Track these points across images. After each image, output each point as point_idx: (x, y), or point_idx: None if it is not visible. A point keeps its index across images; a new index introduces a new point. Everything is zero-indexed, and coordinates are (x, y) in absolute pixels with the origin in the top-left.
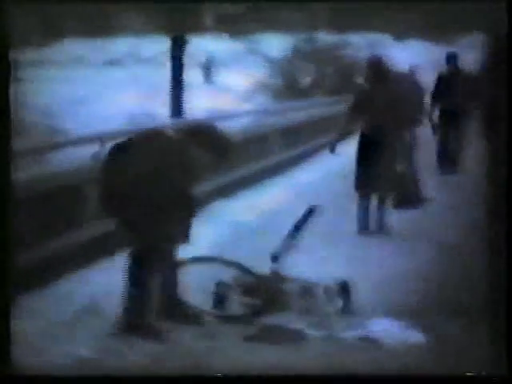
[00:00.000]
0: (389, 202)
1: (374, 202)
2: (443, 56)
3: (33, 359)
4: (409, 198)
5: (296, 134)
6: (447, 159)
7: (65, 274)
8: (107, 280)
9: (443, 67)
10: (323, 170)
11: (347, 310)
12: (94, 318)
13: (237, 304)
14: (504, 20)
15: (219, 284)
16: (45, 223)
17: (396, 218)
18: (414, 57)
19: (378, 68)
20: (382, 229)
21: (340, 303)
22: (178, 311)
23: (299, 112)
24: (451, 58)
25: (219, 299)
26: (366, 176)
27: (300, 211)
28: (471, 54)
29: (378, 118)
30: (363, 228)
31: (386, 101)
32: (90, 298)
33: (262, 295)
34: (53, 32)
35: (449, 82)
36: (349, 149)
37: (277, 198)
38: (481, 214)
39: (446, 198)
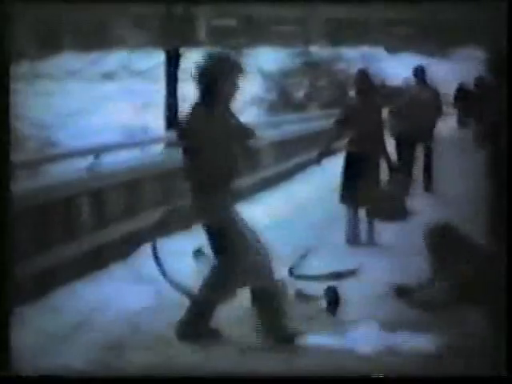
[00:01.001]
0: (374, 215)
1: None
2: (438, 69)
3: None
4: (393, 211)
5: (289, 147)
6: (429, 177)
7: (59, 287)
8: (101, 292)
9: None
10: (316, 182)
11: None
12: (87, 331)
13: None
14: (503, 33)
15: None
16: (39, 236)
17: (387, 231)
18: (407, 70)
19: (364, 82)
20: (371, 241)
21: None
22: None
23: (293, 125)
24: (418, 72)
25: None
26: (350, 189)
27: (293, 224)
28: (466, 66)
29: (364, 133)
30: (351, 239)
31: (372, 115)
32: (84, 311)
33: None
34: (49, 46)
35: (415, 97)
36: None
37: (270, 211)
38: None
39: (432, 212)
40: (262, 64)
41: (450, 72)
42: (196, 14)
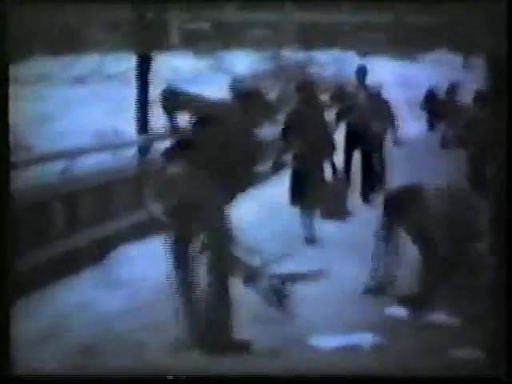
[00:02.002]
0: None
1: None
2: (409, 73)
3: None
4: (334, 210)
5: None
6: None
7: (32, 291)
8: (74, 297)
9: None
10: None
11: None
12: (60, 336)
13: None
14: (503, 40)
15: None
16: (11, 239)
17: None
18: (379, 74)
19: (307, 91)
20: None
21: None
22: None
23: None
24: (360, 72)
25: None
26: (298, 190)
27: (266, 225)
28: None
29: (309, 137)
30: (308, 240)
31: (316, 119)
32: (57, 316)
33: None
34: (19, 50)
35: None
36: None
37: (244, 212)
38: None
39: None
40: (235, 67)
41: (421, 75)
42: (168, 18)
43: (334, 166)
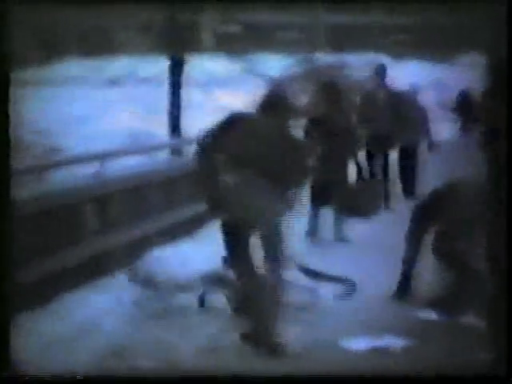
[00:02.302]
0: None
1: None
2: (442, 76)
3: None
4: (359, 208)
5: None
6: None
7: (63, 293)
8: (105, 299)
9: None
10: None
11: None
12: (91, 337)
13: None
14: (504, 39)
15: None
16: (44, 241)
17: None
18: (412, 77)
19: (331, 91)
20: (340, 237)
21: None
22: None
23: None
24: (379, 71)
25: None
26: (319, 188)
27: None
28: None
29: (333, 139)
30: (311, 234)
31: (340, 121)
32: (88, 317)
33: None
34: (52, 52)
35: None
36: None
37: None
38: None
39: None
40: (267, 70)
41: (453, 78)
42: (201, 21)
43: (358, 166)
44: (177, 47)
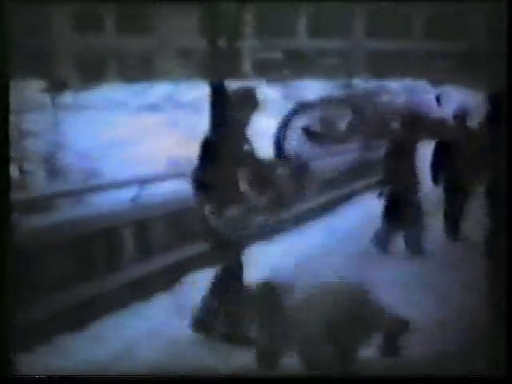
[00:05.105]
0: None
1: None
2: (482, 102)
3: None
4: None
5: (332, 179)
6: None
7: (101, 317)
8: (143, 324)
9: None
10: (359, 215)
11: None
12: (129, 361)
13: None
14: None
15: None
16: (82, 265)
17: None
18: (452, 103)
19: (409, 114)
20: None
21: None
22: None
23: (335, 157)
24: (438, 99)
25: None
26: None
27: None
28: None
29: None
30: (380, 248)
31: (414, 147)
32: (126, 341)
33: None
34: (93, 76)
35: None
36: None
37: (313, 243)
38: None
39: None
40: (306, 96)
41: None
42: (241, 47)
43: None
44: (217, 73)
